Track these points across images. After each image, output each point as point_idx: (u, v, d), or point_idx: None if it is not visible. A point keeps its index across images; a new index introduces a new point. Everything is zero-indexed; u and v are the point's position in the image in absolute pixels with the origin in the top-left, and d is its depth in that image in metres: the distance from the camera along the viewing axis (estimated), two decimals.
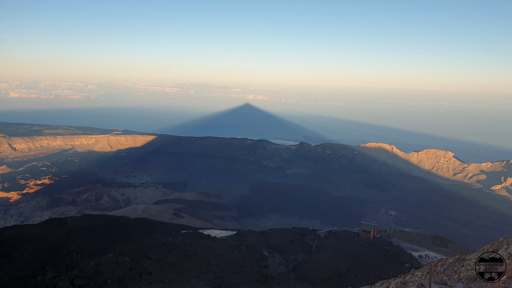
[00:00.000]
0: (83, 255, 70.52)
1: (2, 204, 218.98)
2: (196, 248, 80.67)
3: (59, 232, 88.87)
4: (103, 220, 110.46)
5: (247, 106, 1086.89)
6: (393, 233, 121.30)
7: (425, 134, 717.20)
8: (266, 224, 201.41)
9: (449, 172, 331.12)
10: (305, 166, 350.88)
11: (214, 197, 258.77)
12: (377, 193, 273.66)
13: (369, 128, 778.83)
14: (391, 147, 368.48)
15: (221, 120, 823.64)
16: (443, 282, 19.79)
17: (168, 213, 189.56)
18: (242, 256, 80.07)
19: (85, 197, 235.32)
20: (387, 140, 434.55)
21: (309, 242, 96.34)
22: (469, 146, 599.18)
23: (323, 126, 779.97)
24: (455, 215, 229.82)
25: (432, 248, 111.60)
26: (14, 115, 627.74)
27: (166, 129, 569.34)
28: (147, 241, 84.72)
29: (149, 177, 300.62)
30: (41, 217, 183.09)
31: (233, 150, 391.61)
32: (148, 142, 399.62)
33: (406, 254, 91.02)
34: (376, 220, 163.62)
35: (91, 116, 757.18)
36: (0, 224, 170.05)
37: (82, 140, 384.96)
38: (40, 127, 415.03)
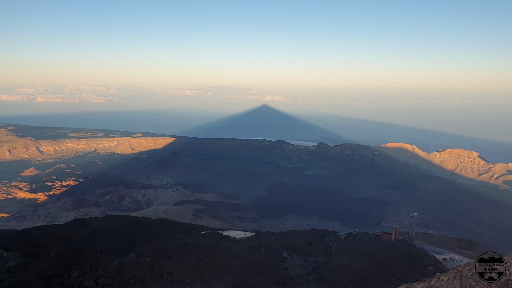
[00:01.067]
0: (107, 255, 72.33)
1: (30, 205, 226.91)
2: (216, 249, 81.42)
3: (83, 233, 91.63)
4: (125, 220, 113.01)
5: (265, 107, 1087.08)
6: (415, 235, 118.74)
7: (447, 133, 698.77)
8: (285, 226, 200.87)
9: (474, 172, 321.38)
10: (324, 167, 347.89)
11: (233, 198, 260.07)
12: (398, 194, 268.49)
13: (389, 128, 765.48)
14: (412, 147, 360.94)
15: (239, 121, 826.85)
16: (472, 287, 19.00)
17: (188, 214, 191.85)
18: (261, 257, 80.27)
19: (108, 198, 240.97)
20: (408, 140, 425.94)
21: (329, 244, 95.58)
22: (494, 146, 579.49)
23: (342, 126, 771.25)
24: (481, 217, 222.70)
25: (457, 251, 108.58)
26: (41, 119, 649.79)
27: (186, 131, 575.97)
28: (168, 242, 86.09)
29: (170, 178, 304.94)
30: (67, 218, 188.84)
31: (251, 151, 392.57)
32: (168, 144, 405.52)
33: (429, 257, 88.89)
34: (398, 222, 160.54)
35: (113, 119, 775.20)
36: (29, 224, 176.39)
37: (104, 142, 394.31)
38: (65, 130, 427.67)
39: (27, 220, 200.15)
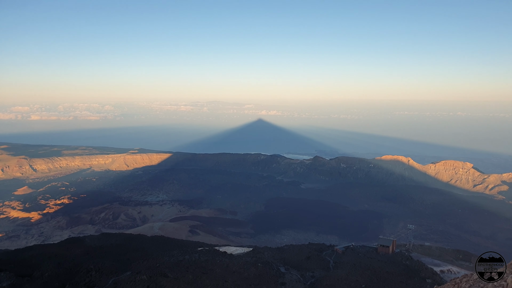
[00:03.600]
0: (102, 273, 71.30)
1: (24, 224, 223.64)
2: (212, 265, 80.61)
3: (78, 251, 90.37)
4: (120, 238, 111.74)
5: (260, 121, 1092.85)
6: (412, 247, 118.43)
7: (442, 145, 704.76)
8: (282, 240, 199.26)
9: (469, 183, 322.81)
10: (320, 180, 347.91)
11: (229, 213, 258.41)
12: (394, 207, 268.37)
13: (384, 140, 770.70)
14: (407, 159, 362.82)
15: (235, 136, 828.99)
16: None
17: (184, 230, 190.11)
18: (258, 273, 79.51)
19: (103, 215, 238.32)
20: (403, 152, 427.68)
21: (327, 258, 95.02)
22: (488, 157, 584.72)
23: (337, 140, 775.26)
24: (477, 228, 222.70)
25: (454, 262, 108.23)
26: (35, 137, 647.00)
27: (181, 147, 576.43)
28: (164, 259, 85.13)
29: (165, 194, 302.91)
30: (61, 237, 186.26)
31: (247, 166, 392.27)
32: (164, 160, 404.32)
33: (427, 269, 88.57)
34: (395, 234, 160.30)
35: (108, 136, 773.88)
36: (22, 244, 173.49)
37: (99, 159, 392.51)
38: (59, 148, 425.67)
39: (20, 240, 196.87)
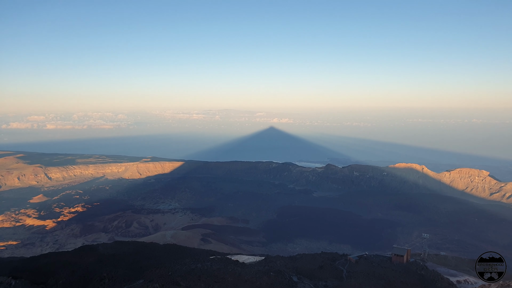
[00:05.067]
0: (115, 281, 71.78)
1: (39, 232, 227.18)
2: (224, 274, 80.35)
3: (91, 259, 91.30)
4: (133, 246, 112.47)
5: (272, 129, 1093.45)
6: (427, 257, 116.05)
7: (456, 152, 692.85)
8: (295, 249, 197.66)
9: (485, 191, 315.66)
10: (333, 189, 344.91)
11: (241, 221, 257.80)
12: (408, 215, 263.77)
13: (397, 148, 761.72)
14: (421, 167, 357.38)
15: (246, 144, 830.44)
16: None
17: (196, 238, 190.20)
18: (271, 282, 78.90)
19: (116, 223, 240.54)
20: (417, 160, 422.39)
21: (340, 268, 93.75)
22: (505, 164, 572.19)
23: (349, 148, 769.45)
24: (494, 237, 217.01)
25: (471, 273, 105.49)
26: (50, 146, 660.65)
27: (193, 155, 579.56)
28: (176, 267, 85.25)
29: (177, 202, 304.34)
30: (75, 244, 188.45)
31: (259, 173, 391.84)
32: (176, 168, 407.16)
33: (443, 279, 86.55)
34: (409, 243, 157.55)
35: (121, 144, 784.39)
36: (37, 252, 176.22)
37: (112, 168, 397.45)
38: (73, 156, 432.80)
39: (36, 248, 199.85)
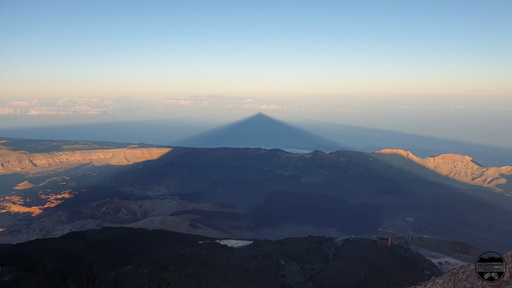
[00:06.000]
0: (103, 267, 72.13)
1: (25, 218, 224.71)
2: (213, 258, 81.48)
3: (79, 245, 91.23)
4: (121, 232, 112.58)
5: (260, 116, 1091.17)
6: (411, 240, 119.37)
7: (441, 139, 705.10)
8: (282, 233, 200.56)
9: (467, 176, 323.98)
10: (320, 174, 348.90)
11: (229, 207, 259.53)
12: (393, 200, 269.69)
13: (383, 134, 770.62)
14: (406, 153, 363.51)
15: (235, 130, 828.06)
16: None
17: (185, 224, 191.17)
18: (259, 265, 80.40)
19: (104, 210, 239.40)
20: (403, 146, 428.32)
21: (326, 251, 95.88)
22: (487, 150, 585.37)
23: (337, 134, 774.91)
24: (475, 220, 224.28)
25: (452, 254, 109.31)
26: (35, 132, 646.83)
27: (181, 141, 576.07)
28: (165, 253, 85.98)
29: (166, 189, 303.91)
30: (62, 231, 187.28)
31: (247, 160, 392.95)
32: (164, 155, 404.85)
33: (425, 261, 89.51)
34: (394, 227, 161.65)
35: (107, 130, 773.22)
36: (23, 239, 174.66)
37: (99, 154, 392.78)
38: (59, 143, 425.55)
39: (22, 234, 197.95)
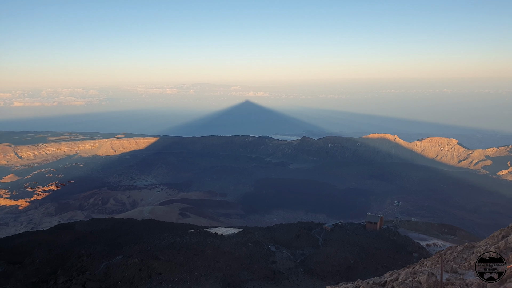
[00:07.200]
0: (93, 258, 71.46)
1: (12, 212, 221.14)
2: (203, 246, 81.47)
3: (68, 237, 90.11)
4: (110, 223, 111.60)
5: (247, 103, 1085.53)
6: (399, 223, 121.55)
7: (428, 122, 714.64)
8: (272, 220, 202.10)
9: (454, 159, 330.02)
10: (308, 161, 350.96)
11: (219, 195, 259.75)
12: (381, 184, 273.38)
13: (371, 119, 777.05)
14: (393, 137, 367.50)
15: (222, 118, 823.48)
16: (454, 270, 19.44)
17: (174, 213, 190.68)
18: (249, 252, 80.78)
19: (92, 201, 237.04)
20: (390, 130, 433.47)
21: (316, 236, 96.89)
22: (473, 132, 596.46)
23: (324, 120, 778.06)
24: (462, 202, 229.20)
25: (439, 236, 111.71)
26: (19, 124, 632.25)
27: (168, 130, 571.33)
28: (155, 242, 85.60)
29: (154, 178, 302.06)
30: (50, 223, 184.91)
31: (235, 148, 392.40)
32: (151, 144, 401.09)
33: (413, 244, 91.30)
34: (382, 211, 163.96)
35: (93, 121, 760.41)
36: (11, 232, 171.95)
37: (86, 145, 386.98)
38: (44, 134, 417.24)
39: (9, 228, 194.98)
